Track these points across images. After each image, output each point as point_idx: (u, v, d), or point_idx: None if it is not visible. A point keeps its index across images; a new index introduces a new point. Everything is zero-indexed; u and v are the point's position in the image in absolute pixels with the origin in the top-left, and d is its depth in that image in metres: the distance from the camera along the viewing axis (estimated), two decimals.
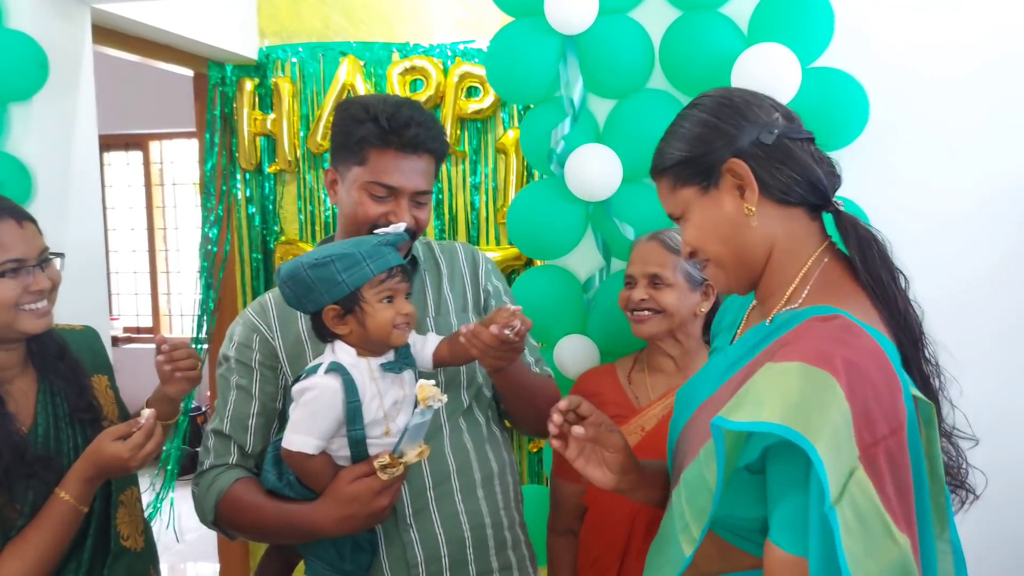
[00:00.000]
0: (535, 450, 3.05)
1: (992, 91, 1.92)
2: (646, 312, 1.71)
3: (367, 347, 1.39)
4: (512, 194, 3.01)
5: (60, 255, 1.50)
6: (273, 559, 1.66)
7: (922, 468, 0.98)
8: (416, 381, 1.41)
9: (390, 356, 1.42)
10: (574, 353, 1.97)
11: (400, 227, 1.42)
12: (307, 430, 1.34)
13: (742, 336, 1.17)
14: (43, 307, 1.44)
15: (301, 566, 1.58)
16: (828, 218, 1.15)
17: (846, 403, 0.92)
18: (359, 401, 1.35)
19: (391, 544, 1.49)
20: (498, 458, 1.62)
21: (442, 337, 1.49)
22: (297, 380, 1.40)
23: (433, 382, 1.32)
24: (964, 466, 1.10)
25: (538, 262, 2.66)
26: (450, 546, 1.50)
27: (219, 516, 1.47)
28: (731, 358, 1.15)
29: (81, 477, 1.38)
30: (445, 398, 1.32)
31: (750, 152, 1.09)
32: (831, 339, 0.98)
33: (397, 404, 1.41)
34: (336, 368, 1.36)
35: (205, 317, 3.41)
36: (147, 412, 1.39)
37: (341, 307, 1.35)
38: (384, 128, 1.45)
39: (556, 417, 1.19)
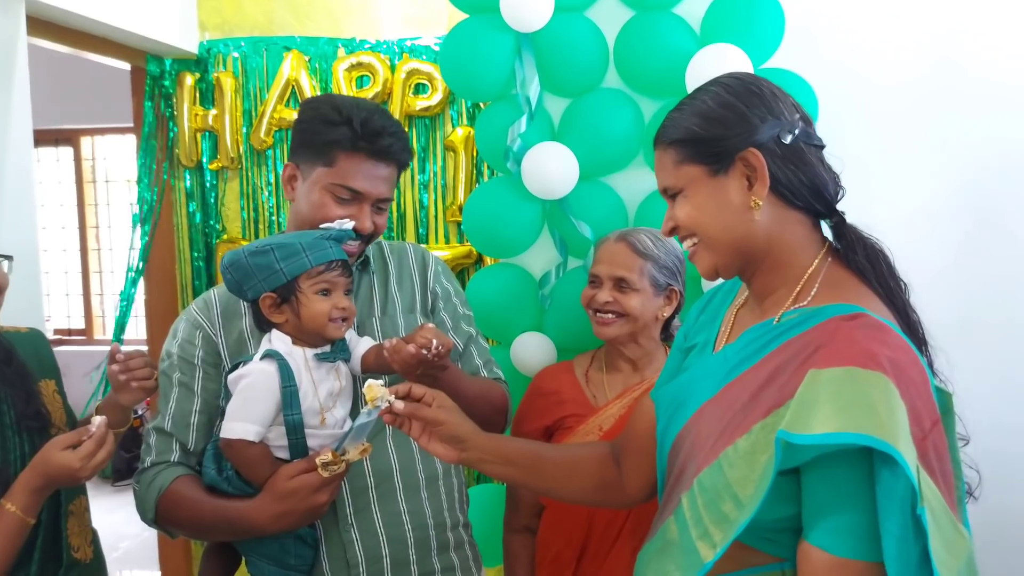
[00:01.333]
0: None
1: (934, 92, 1.99)
2: (610, 315, 1.71)
3: (302, 337, 1.41)
4: (461, 192, 2.99)
5: (8, 257, 1.43)
6: (214, 560, 1.62)
7: None
8: (351, 375, 1.44)
9: (326, 347, 1.43)
10: (531, 351, 1.97)
11: (347, 224, 1.44)
12: (245, 416, 1.36)
13: (742, 336, 1.15)
14: None
15: (243, 566, 1.57)
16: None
17: (902, 402, 0.93)
18: (295, 385, 1.37)
19: (331, 544, 1.48)
20: None
21: (374, 343, 1.49)
22: (233, 370, 1.41)
23: (381, 382, 1.31)
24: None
25: (488, 260, 2.65)
26: (391, 546, 1.50)
27: (159, 514, 1.46)
28: (734, 359, 1.13)
29: (28, 488, 1.31)
30: (393, 398, 1.31)
31: (768, 147, 1.07)
32: (869, 339, 0.98)
33: (333, 395, 1.43)
34: (271, 354, 1.38)
35: (127, 318, 3.32)
36: (98, 419, 1.34)
37: (278, 295, 1.38)
38: (357, 133, 1.45)
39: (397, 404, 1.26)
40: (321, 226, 1.44)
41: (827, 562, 0.97)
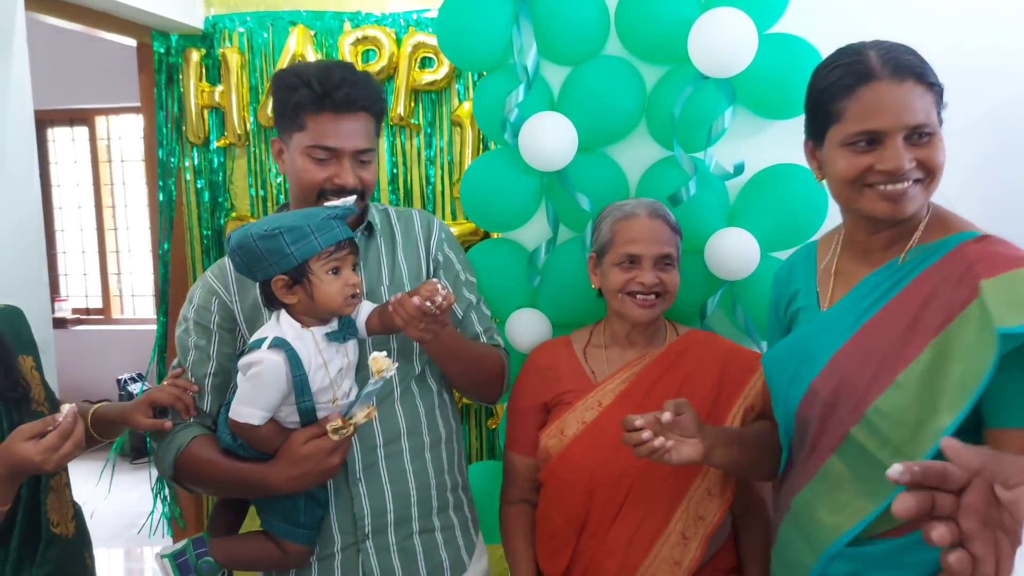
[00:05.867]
0: (493, 427, 3.02)
1: (944, 56, 1.89)
2: (652, 296, 1.64)
3: (314, 316, 1.43)
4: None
5: None
6: (225, 510, 1.67)
7: None
8: (358, 349, 1.49)
9: (334, 325, 1.46)
10: (525, 327, 1.92)
11: (349, 200, 1.45)
12: (252, 402, 1.40)
13: (862, 285, 1.30)
14: None
15: (252, 514, 1.62)
16: None
17: None
18: (305, 374, 1.40)
19: (340, 497, 1.56)
20: (447, 424, 1.67)
21: (375, 305, 1.52)
22: (242, 354, 1.44)
23: (385, 353, 1.36)
24: None
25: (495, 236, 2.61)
26: (396, 502, 1.57)
27: (177, 471, 1.51)
28: (862, 304, 1.28)
29: None
30: (395, 367, 1.37)
31: None
32: (1014, 248, 1.18)
33: (342, 371, 1.46)
34: (279, 343, 1.40)
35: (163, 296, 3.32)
36: (66, 408, 1.30)
37: (290, 278, 1.40)
38: (317, 92, 1.48)
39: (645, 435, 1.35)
40: (325, 204, 1.45)
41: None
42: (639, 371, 1.67)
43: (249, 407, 1.40)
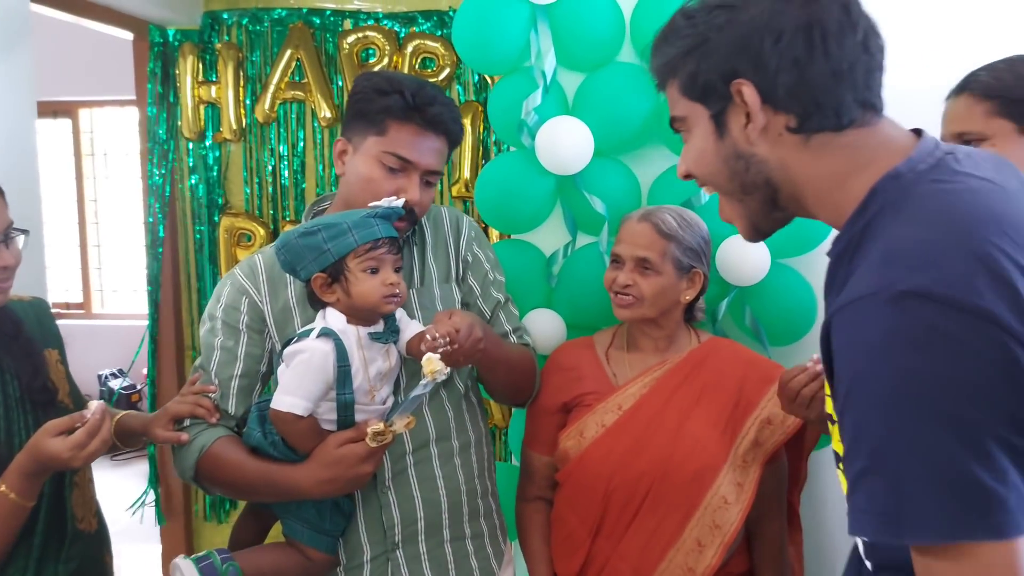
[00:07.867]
0: (491, 425, 3.03)
1: (976, 39, 1.89)
2: (629, 296, 1.67)
3: (355, 315, 1.41)
4: (467, 168, 2.95)
5: (25, 232, 1.40)
6: (249, 520, 1.64)
7: None
8: (399, 355, 1.46)
9: (379, 327, 1.44)
10: (541, 327, 1.94)
11: (396, 201, 1.44)
12: (296, 391, 1.37)
13: None
14: (5, 285, 1.36)
15: (277, 526, 1.59)
16: None
17: None
18: (349, 365, 1.38)
19: (368, 506, 1.53)
20: (475, 428, 1.65)
21: (421, 328, 1.50)
22: (288, 343, 1.42)
23: (438, 356, 1.34)
24: None
25: (495, 235, 2.63)
26: (426, 509, 1.55)
27: (199, 472, 1.47)
28: None
29: (21, 472, 1.27)
30: (448, 371, 1.35)
31: None
32: None
33: (381, 375, 1.44)
34: (328, 333, 1.39)
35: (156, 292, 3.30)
36: (94, 404, 1.30)
37: (328, 275, 1.39)
38: (408, 103, 1.46)
39: None
40: (370, 204, 1.43)
41: None
42: (660, 376, 1.69)
43: (294, 396, 1.37)
